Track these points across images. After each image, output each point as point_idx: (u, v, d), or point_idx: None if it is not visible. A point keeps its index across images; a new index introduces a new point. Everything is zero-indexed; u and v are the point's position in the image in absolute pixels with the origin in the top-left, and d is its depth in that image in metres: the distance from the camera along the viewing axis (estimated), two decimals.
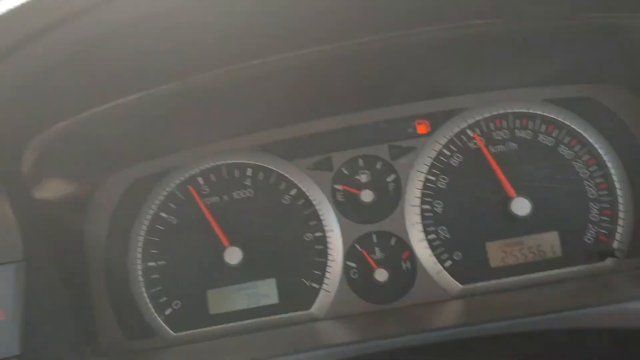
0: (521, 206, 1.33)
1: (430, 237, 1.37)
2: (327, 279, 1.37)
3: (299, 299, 1.37)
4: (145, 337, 1.38)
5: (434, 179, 1.39)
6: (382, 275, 1.35)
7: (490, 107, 1.41)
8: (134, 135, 1.32)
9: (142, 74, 1.04)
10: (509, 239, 1.35)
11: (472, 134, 1.41)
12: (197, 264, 1.39)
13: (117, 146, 1.34)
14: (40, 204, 1.21)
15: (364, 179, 1.42)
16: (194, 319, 1.37)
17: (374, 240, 1.39)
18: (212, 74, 1.09)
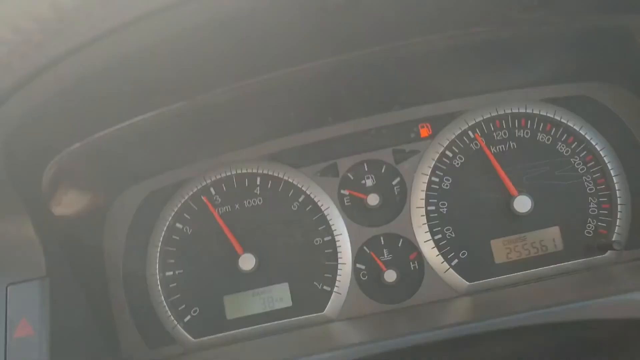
0: (523, 204, 1.36)
1: (436, 237, 1.40)
2: (338, 282, 1.40)
3: (312, 301, 1.40)
4: (165, 344, 1.41)
5: (437, 180, 1.42)
6: (391, 276, 1.38)
7: (489, 108, 1.43)
8: (148, 150, 1.35)
9: (155, 93, 1.07)
10: (512, 235, 1.38)
11: (473, 135, 1.43)
12: (213, 271, 1.42)
13: (132, 162, 1.37)
14: (59, 220, 1.23)
15: (369, 183, 1.45)
16: (212, 325, 1.40)
17: (382, 242, 1.43)
18: (222, 91, 1.12)
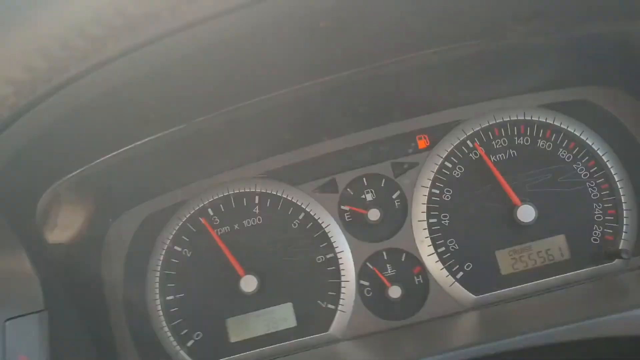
0: (526, 213, 1.33)
1: (439, 250, 1.38)
2: (342, 299, 1.38)
3: (316, 321, 1.38)
4: None
5: (438, 192, 1.40)
6: (395, 292, 1.36)
7: (487, 116, 1.41)
8: (144, 175, 1.34)
9: (150, 121, 1.06)
10: (518, 245, 1.36)
11: (472, 145, 1.41)
12: (214, 294, 1.41)
13: (127, 187, 1.36)
14: (55, 249, 1.22)
15: (369, 198, 1.43)
16: (215, 349, 1.38)
17: (385, 257, 1.40)
18: (215, 115, 1.11)
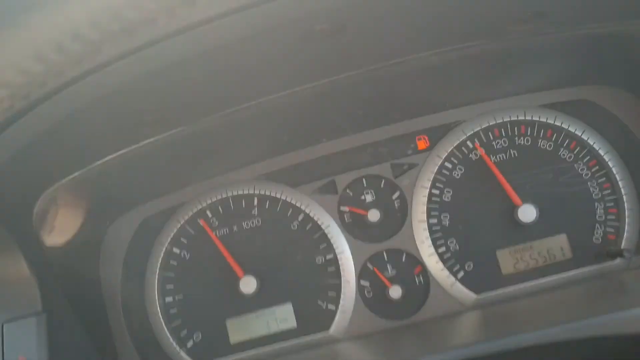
0: (527, 213, 1.33)
1: (440, 250, 1.37)
2: (342, 300, 1.37)
3: (316, 321, 1.37)
4: None
5: (438, 192, 1.40)
6: (396, 292, 1.35)
7: (487, 117, 1.41)
8: (142, 177, 1.33)
9: (147, 124, 1.05)
10: (519, 245, 1.36)
11: (472, 145, 1.40)
12: (214, 295, 1.40)
13: (125, 189, 1.35)
14: (53, 253, 1.21)
15: (369, 198, 1.43)
16: (216, 350, 1.38)
17: (385, 258, 1.40)
18: (213, 117, 1.10)
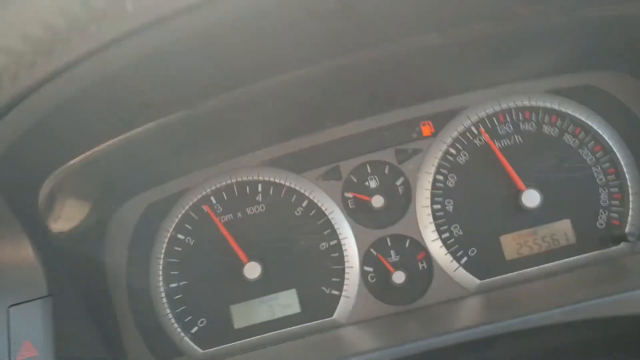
0: (531, 198, 1.33)
1: (443, 236, 1.38)
2: (346, 285, 1.38)
3: (320, 306, 1.38)
4: (174, 357, 1.39)
5: (442, 178, 1.40)
6: (399, 277, 1.36)
7: (492, 102, 1.41)
8: (146, 162, 1.33)
9: (152, 106, 1.05)
10: (522, 230, 1.36)
11: (477, 131, 1.40)
12: (218, 280, 1.41)
13: (130, 174, 1.35)
14: (58, 237, 1.22)
15: (373, 184, 1.43)
16: (220, 335, 1.39)
17: (389, 243, 1.40)
18: (216, 100, 1.10)
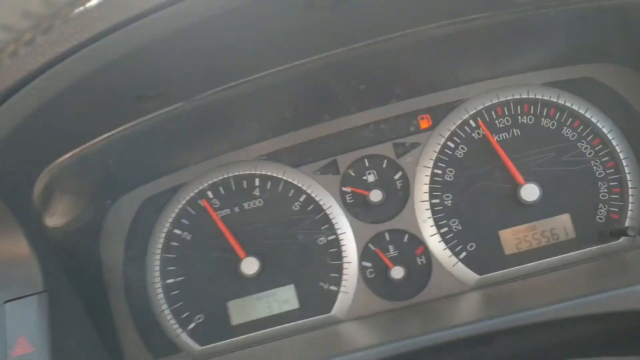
0: (530, 192, 1.32)
1: (442, 230, 1.37)
2: (344, 281, 1.37)
3: (318, 302, 1.37)
4: (171, 353, 1.39)
5: (440, 172, 1.39)
6: (398, 272, 1.35)
7: (490, 95, 1.40)
8: (142, 156, 1.32)
9: (148, 98, 1.03)
10: (522, 225, 1.35)
11: (475, 124, 1.39)
12: (215, 276, 1.40)
13: (126, 169, 1.34)
14: (54, 232, 1.21)
15: (371, 179, 1.42)
16: (217, 331, 1.38)
17: (387, 238, 1.40)
18: (213, 92, 1.09)
